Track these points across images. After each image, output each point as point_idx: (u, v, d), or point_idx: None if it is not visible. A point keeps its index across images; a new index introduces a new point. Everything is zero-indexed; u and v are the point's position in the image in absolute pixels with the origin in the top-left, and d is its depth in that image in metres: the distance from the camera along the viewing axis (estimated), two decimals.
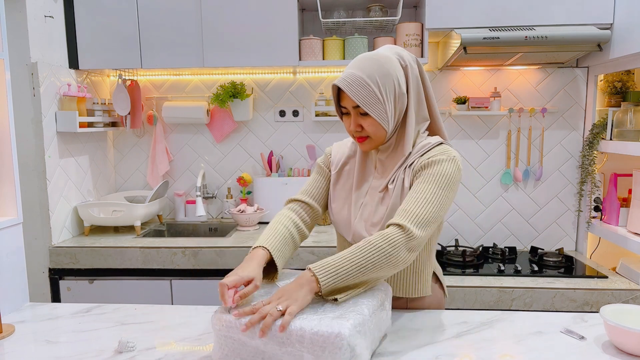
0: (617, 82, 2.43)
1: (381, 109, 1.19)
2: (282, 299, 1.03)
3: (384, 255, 1.08)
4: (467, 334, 1.24)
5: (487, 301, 2.05)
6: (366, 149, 1.28)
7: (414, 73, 1.24)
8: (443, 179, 1.17)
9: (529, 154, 2.61)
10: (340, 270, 1.07)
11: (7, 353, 1.20)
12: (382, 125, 1.21)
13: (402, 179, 1.24)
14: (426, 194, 1.15)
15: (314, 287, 1.06)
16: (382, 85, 1.18)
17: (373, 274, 1.09)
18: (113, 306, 1.48)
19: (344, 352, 0.96)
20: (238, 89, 2.60)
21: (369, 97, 1.18)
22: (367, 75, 1.18)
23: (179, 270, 2.24)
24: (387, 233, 1.11)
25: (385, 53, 1.22)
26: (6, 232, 1.49)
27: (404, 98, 1.23)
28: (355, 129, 1.24)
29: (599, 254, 2.51)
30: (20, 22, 2.11)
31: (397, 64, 1.21)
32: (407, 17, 2.57)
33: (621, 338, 1.12)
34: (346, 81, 1.18)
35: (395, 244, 1.09)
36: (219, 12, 2.36)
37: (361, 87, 1.17)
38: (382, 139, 1.25)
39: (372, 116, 1.19)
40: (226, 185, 2.84)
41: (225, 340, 1.06)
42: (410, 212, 1.13)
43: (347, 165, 1.36)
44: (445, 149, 1.24)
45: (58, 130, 2.29)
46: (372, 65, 1.19)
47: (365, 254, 1.08)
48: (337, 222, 1.35)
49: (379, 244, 1.09)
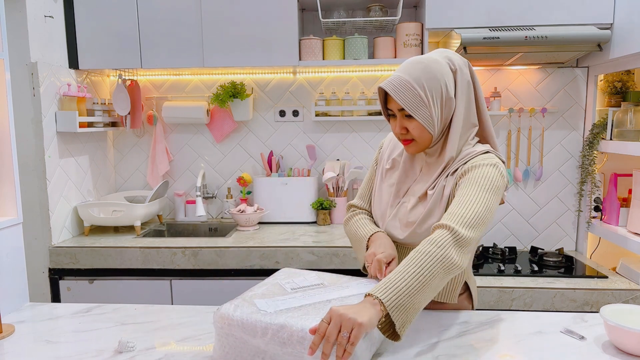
0: (617, 82, 2.43)
1: (426, 113, 1.18)
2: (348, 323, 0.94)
3: (434, 259, 1.05)
4: (467, 334, 1.24)
5: (487, 301, 2.05)
6: (411, 152, 1.28)
7: (464, 77, 1.23)
8: (485, 181, 1.16)
9: (529, 154, 2.61)
10: (397, 284, 1.02)
11: (7, 353, 1.20)
12: (428, 129, 1.20)
13: (442, 185, 1.23)
14: (469, 197, 1.14)
15: (379, 310, 0.99)
16: (429, 88, 1.18)
17: (431, 281, 1.04)
18: (113, 306, 1.48)
19: None
20: (238, 89, 2.60)
21: (414, 100, 1.17)
22: (414, 79, 1.17)
23: (179, 270, 2.24)
24: (432, 237, 1.09)
25: (434, 57, 1.22)
26: (6, 232, 1.49)
27: (452, 102, 1.21)
28: (401, 131, 1.24)
29: (599, 254, 2.51)
30: (20, 22, 2.11)
31: (446, 68, 1.20)
32: (407, 17, 2.57)
33: (621, 338, 1.12)
34: (392, 84, 1.18)
35: (442, 245, 1.07)
36: (219, 12, 2.36)
37: (406, 90, 1.17)
38: (427, 143, 1.24)
39: (417, 119, 1.19)
40: (226, 185, 2.84)
41: (226, 339, 1.06)
42: (455, 214, 1.11)
43: (397, 163, 1.36)
44: (489, 156, 1.22)
45: (58, 130, 2.29)
46: (419, 69, 1.18)
47: (416, 262, 1.05)
48: (374, 213, 1.39)
49: (427, 249, 1.07)
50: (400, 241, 1.30)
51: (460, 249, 1.08)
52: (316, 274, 1.27)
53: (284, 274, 1.29)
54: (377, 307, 1.00)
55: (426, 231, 1.24)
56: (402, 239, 1.29)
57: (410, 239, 1.27)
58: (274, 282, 1.21)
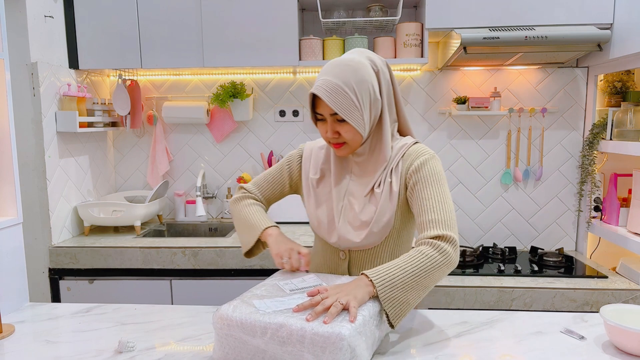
0: (617, 82, 2.43)
1: (358, 116, 1.20)
2: (341, 294, 1.05)
3: (436, 264, 1.12)
4: (467, 334, 1.24)
5: (487, 301, 2.05)
6: (343, 155, 1.29)
7: (385, 77, 1.25)
8: (437, 176, 1.23)
9: (529, 154, 2.61)
10: (395, 278, 1.09)
11: (7, 353, 1.20)
12: (359, 132, 1.22)
13: (389, 182, 1.25)
14: (437, 198, 1.20)
15: (371, 291, 1.08)
16: (359, 91, 1.18)
17: (426, 282, 1.11)
18: (113, 306, 1.48)
19: (344, 353, 0.96)
20: (238, 89, 2.60)
21: (346, 104, 1.18)
22: (344, 83, 1.17)
23: (179, 270, 2.24)
24: (436, 243, 1.14)
25: (358, 58, 1.22)
26: (6, 232, 1.49)
27: (379, 103, 1.24)
28: (333, 135, 1.24)
29: (599, 254, 2.51)
30: (20, 22, 2.11)
31: (370, 69, 1.22)
32: (407, 17, 2.57)
33: (621, 338, 1.12)
34: (325, 90, 1.17)
35: (446, 252, 1.13)
36: (219, 12, 2.36)
37: (339, 94, 1.17)
38: (358, 144, 1.26)
39: (351, 123, 1.19)
40: (226, 185, 2.84)
41: (226, 339, 1.06)
42: (438, 221, 1.17)
43: (326, 171, 1.36)
44: (422, 147, 1.28)
45: (58, 130, 2.29)
46: (348, 72, 1.18)
47: (419, 263, 1.11)
48: (317, 226, 1.35)
49: (431, 254, 1.12)
50: (357, 245, 1.28)
51: (456, 250, 1.16)
52: (315, 274, 1.27)
53: (282, 274, 1.29)
54: (370, 288, 1.08)
55: (383, 229, 1.25)
56: (359, 242, 1.27)
57: (368, 241, 1.26)
58: (272, 284, 1.21)
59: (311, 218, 1.36)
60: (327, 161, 1.37)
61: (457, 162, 2.66)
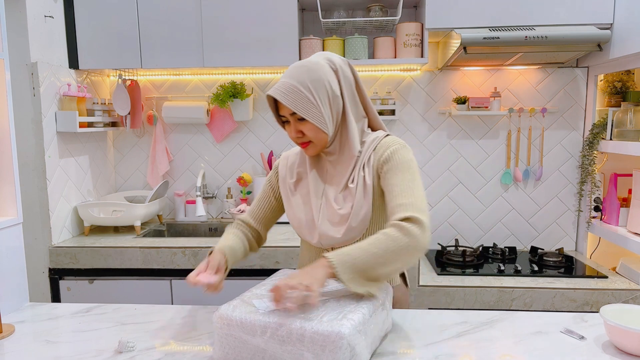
0: (617, 82, 2.43)
1: (317, 113, 1.22)
2: (303, 278, 1.06)
3: (401, 245, 1.10)
4: (467, 334, 1.24)
5: (487, 301, 2.05)
6: (311, 154, 1.31)
7: (345, 75, 1.28)
8: (408, 164, 1.24)
9: (529, 154, 2.61)
10: (357, 259, 1.09)
11: (7, 353, 1.20)
12: (321, 129, 1.24)
13: (362, 176, 1.27)
14: (407, 183, 1.20)
15: (330, 273, 1.08)
16: (315, 89, 1.22)
17: (391, 264, 1.11)
18: (113, 306, 1.48)
19: (343, 352, 0.96)
20: (238, 89, 2.60)
21: (303, 102, 1.21)
22: (299, 82, 1.21)
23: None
24: (402, 225, 1.12)
25: (315, 59, 1.26)
26: (6, 232, 1.49)
27: (339, 100, 1.26)
28: (296, 135, 1.27)
29: (599, 254, 2.51)
30: (20, 22, 2.11)
31: (327, 68, 1.25)
32: (407, 17, 2.57)
33: (621, 338, 1.12)
34: (279, 90, 1.22)
35: (413, 234, 1.11)
36: (219, 12, 2.36)
37: (294, 94, 1.21)
38: (324, 142, 1.28)
39: (310, 120, 1.22)
40: (226, 185, 2.84)
41: (226, 339, 1.06)
42: (407, 204, 1.16)
43: (302, 173, 1.38)
44: (393, 139, 1.30)
45: (58, 130, 2.29)
46: (303, 72, 1.22)
47: (383, 245, 1.10)
48: (299, 227, 1.36)
49: (396, 235, 1.11)
50: (339, 241, 1.29)
51: (425, 234, 1.14)
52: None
53: (283, 274, 1.29)
54: (329, 269, 1.07)
55: (362, 223, 1.25)
56: (340, 237, 1.28)
57: (348, 236, 1.27)
58: (272, 283, 1.21)
59: (292, 221, 1.38)
60: (302, 164, 1.39)
61: (457, 162, 2.66)
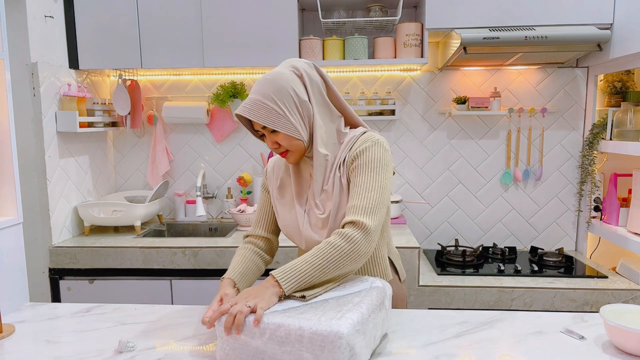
0: (617, 82, 2.43)
1: (286, 122, 1.23)
2: (250, 298, 1.08)
3: (344, 253, 1.13)
4: (467, 334, 1.24)
5: (487, 301, 2.06)
6: (292, 162, 1.32)
7: (312, 78, 1.28)
8: (374, 163, 1.23)
9: (529, 154, 2.61)
10: (302, 274, 1.11)
11: (7, 353, 1.20)
12: (294, 136, 1.25)
13: (338, 177, 1.27)
14: (365, 184, 1.20)
15: (278, 291, 1.10)
16: (279, 100, 1.22)
17: (336, 272, 1.14)
18: (113, 306, 1.48)
19: (342, 352, 0.96)
20: (238, 89, 2.60)
21: (270, 115, 1.22)
22: (263, 95, 1.22)
23: (179, 270, 2.24)
24: (344, 232, 1.15)
25: (278, 69, 1.27)
26: (6, 232, 1.49)
27: (307, 105, 1.26)
28: (273, 146, 1.28)
29: (599, 254, 2.51)
30: (20, 22, 2.11)
31: (290, 75, 1.25)
32: (407, 17, 2.57)
33: (621, 338, 1.12)
34: (245, 107, 1.23)
35: (354, 240, 1.13)
36: (219, 12, 2.36)
37: (260, 108, 1.22)
38: (302, 148, 1.28)
39: (281, 131, 1.23)
40: (226, 185, 2.84)
41: (227, 340, 1.06)
42: (358, 207, 1.17)
43: (285, 179, 1.39)
44: (369, 135, 1.29)
45: (58, 130, 2.29)
46: (266, 85, 1.23)
47: (326, 255, 1.12)
48: (288, 233, 1.37)
49: (338, 244, 1.13)
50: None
51: (368, 238, 1.15)
52: None
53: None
54: (276, 288, 1.10)
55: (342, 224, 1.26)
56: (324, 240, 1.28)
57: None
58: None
59: (281, 228, 1.39)
60: (286, 170, 1.39)
61: (457, 162, 2.66)
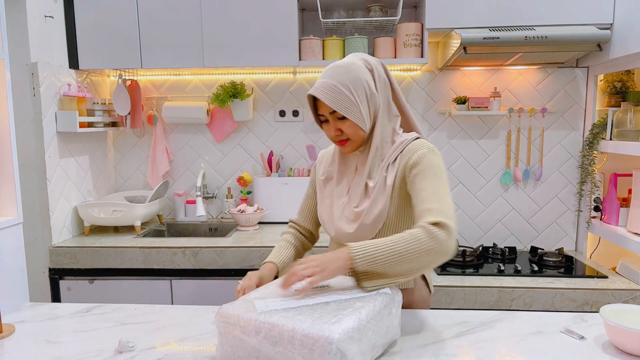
0: (617, 82, 2.43)
1: (356, 111, 1.27)
2: (313, 265, 1.12)
3: (425, 248, 1.12)
4: (467, 334, 1.24)
5: (487, 301, 2.05)
6: (348, 151, 1.36)
7: (380, 75, 1.32)
8: (436, 169, 1.25)
9: (529, 154, 2.61)
10: (379, 254, 1.11)
11: (7, 353, 1.20)
12: (360, 126, 1.28)
13: (383, 176, 1.30)
14: (434, 189, 1.21)
15: (349, 264, 1.12)
16: (354, 88, 1.26)
17: (409, 266, 1.12)
18: (113, 306, 1.48)
19: (333, 357, 0.94)
20: (238, 89, 2.60)
21: (343, 101, 1.25)
22: (339, 82, 1.26)
23: (179, 270, 2.24)
24: (430, 228, 1.13)
25: (351, 60, 1.31)
26: (6, 232, 1.49)
27: (376, 98, 1.30)
28: (335, 133, 1.31)
29: (599, 254, 2.51)
30: (20, 22, 2.11)
31: (364, 68, 1.29)
32: (407, 17, 2.57)
33: (621, 338, 1.12)
34: (320, 90, 1.27)
35: (439, 239, 1.12)
36: (219, 12, 2.36)
37: (335, 93, 1.25)
38: (361, 140, 1.32)
39: (350, 119, 1.26)
40: (226, 185, 2.84)
41: (225, 338, 1.07)
42: (435, 210, 1.17)
43: (332, 171, 1.44)
44: (422, 142, 1.31)
45: (58, 130, 2.29)
46: (342, 72, 1.27)
47: (407, 245, 1.12)
48: (322, 220, 1.44)
49: (422, 237, 1.12)
50: (350, 237, 1.32)
51: (451, 239, 1.15)
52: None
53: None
54: (348, 262, 1.12)
55: (375, 222, 1.28)
56: (351, 232, 1.32)
57: (360, 233, 1.31)
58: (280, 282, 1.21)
59: (318, 214, 1.47)
60: (333, 162, 1.44)
61: (457, 162, 2.66)
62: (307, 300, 1.10)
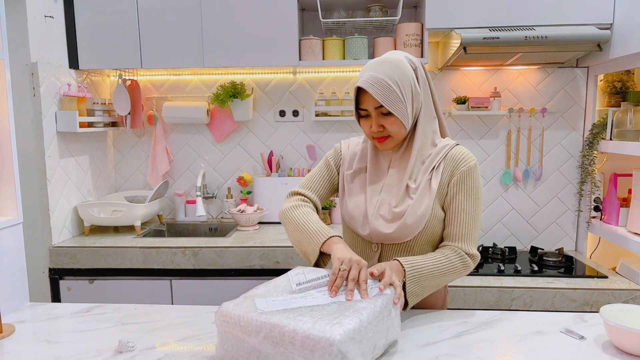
0: (617, 82, 2.43)
1: (403, 108, 1.25)
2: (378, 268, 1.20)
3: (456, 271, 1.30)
4: (467, 334, 1.24)
5: (487, 301, 2.05)
6: (386, 149, 1.33)
7: (422, 74, 1.32)
8: (478, 190, 1.33)
9: (529, 154, 2.61)
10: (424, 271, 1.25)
11: (7, 353, 1.20)
12: (404, 124, 1.27)
13: (428, 179, 1.31)
14: (472, 213, 1.31)
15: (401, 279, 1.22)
16: (402, 84, 1.24)
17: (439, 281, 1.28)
18: (113, 306, 1.48)
19: (334, 358, 0.94)
20: (238, 89, 2.60)
21: (391, 96, 1.23)
22: (387, 76, 1.24)
23: (179, 270, 2.24)
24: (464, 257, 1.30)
25: (397, 56, 1.29)
26: (6, 232, 1.49)
27: (419, 97, 1.30)
28: (378, 129, 1.29)
29: (599, 254, 2.51)
30: (20, 22, 2.11)
31: (409, 66, 1.28)
32: (407, 17, 2.57)
33: (621, 338, 1.12)
34: (369, 83, 1.23)
35: (467, 267, 1.31)
36: (219, 12, 2.36)
37: (383, 87, 1.23)
38: (402, 138, 1.31)
39: (395, 115, 1.25)
40: (226, 185, 2.84)
41: (225, 337, 1.06)
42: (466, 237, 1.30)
43: (361, 167, 1.40)
44: (465, 152, 1.36)
45: (58, 130, 2.29)
46: (390, 67, 1.25)
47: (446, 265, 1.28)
48: (351, 217, 1.37)
49: (455, 262, 1.29)
50: (388, 237, 1.31)
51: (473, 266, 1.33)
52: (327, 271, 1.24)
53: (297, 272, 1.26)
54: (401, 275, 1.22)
55: (417, 222, 1.28)
56: (390, 233, 1.30)
57: (400, 233, 1.29)
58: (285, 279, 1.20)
59: (344, 211, 1.40)
60: (362, 158, 1.41)
61: None
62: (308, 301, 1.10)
